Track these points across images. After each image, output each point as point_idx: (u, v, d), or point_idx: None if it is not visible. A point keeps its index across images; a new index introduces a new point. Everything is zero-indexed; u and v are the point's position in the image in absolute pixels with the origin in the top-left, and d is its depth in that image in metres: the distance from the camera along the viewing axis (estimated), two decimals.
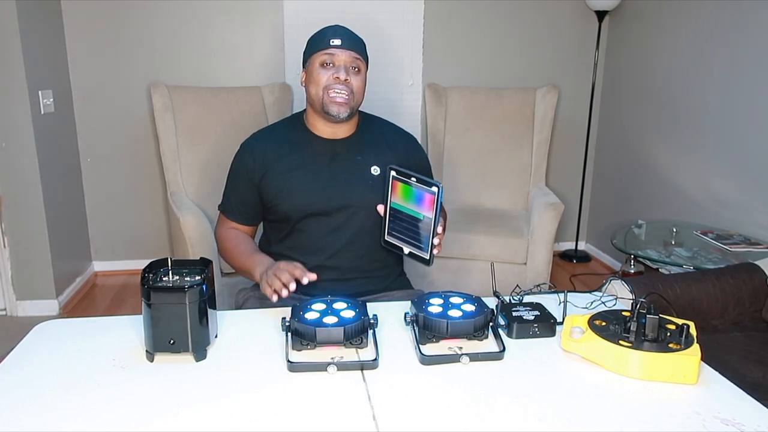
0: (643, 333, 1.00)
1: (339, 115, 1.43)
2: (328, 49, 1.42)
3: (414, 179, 1.16)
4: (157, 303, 0.98)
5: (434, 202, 1.13)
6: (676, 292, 1.59)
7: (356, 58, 1.44)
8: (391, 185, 1.21)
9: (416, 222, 1.18)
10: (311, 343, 1.04)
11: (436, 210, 1.13)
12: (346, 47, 1.43)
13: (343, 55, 1.42)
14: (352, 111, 1.45)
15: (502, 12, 3.29)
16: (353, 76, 1.43)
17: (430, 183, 1.14)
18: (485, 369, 1.00)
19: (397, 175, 1.20)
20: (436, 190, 1.12)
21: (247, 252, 1.46)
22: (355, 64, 1.44)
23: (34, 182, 2.63)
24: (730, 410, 0.89)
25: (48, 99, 2.73)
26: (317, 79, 1.43)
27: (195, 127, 2.65)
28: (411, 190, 1.18)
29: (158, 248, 3.23)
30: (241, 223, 1.55)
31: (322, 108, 1.44)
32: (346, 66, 1.42)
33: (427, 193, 1.15)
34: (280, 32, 3.11)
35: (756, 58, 2.41)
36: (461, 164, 3.06)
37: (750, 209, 2.48)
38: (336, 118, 1.44)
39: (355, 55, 1.44)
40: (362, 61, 1.46)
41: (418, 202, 1.17)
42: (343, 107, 1.42)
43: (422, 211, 1.17)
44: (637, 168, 3.21)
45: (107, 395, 0.91)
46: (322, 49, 1.43)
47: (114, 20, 2.98)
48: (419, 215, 1.17)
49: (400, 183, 1.20)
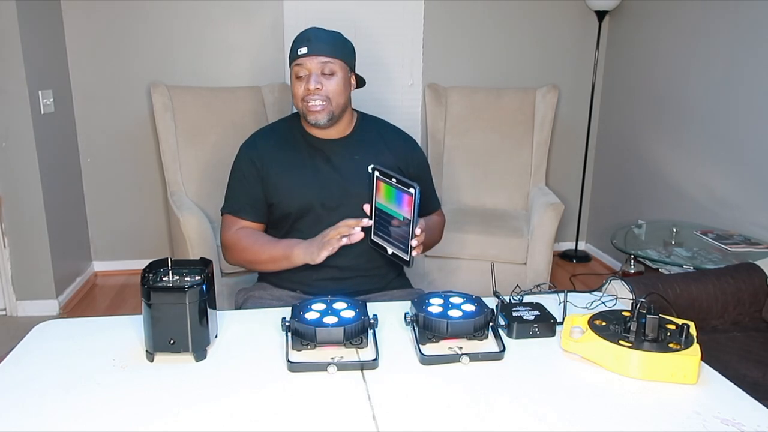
0: (643, 333, 1.00)
1: (318, 122, 1.44)
2: (297, 60, 1.43)
3: (394, 180, 1.15)
4: (157, 303, 0.98)
5: (412, 203, 1.12)
6: (676, 292, 1.59)
7: (326, 62, 1.42)
8: (375, 185, 1.20)
9: (397, 223, 1.18)
10: (311, 343, 1.04)
11: (414, 211, 1.12)
12: (314, 53, 1.41)
13: (310, 64, 1.41)
14: (332, 115, 1.44)
15: (502, 12, 3.29)
16: (326, 81, 1.42)
17: (407, 184, 1.12)
18: (485, 369, 1.00)
19: (380, 175, 1.19)
20: (413, 191, 1.11)
21: (273, 242, 1.44)
22: (327, 69, 1.42)
23: (34, 182, 2.63)
24: (730, 410, 0.89)
25: (48, 99, 2.73)
26: (294, 91, 1.45)
27: (195, 127, 2.65)
28: (392, 191, 1.17)
29: (158, 248, 3.23)
30: (254, 221, 1.52)
31: (305, 118, 1.46)
32: (316, 74, 1.41)
33: (406, 194, 1.13)
34: (280, 32, 3.11)
35: (756, 58, 2.41)
36: (461, 164, 3.06)
37: (750, 209, 2.48)
38: (317, 126, 1.45)
39: (324, 60, 1.41)
40: (336, 62, 1.43)
41: (399, 203, 1.16)
42: (320, 115, 1.42)
43: (402, 212, 1.16)
44: (637, 168, 3.21)
45: (107, 395, 0.91)
46: (293, 60, 1.44)
47: (114, 20, 2.98)
48: (400, 216, 1.17)
49: (383, 183, 1.19)
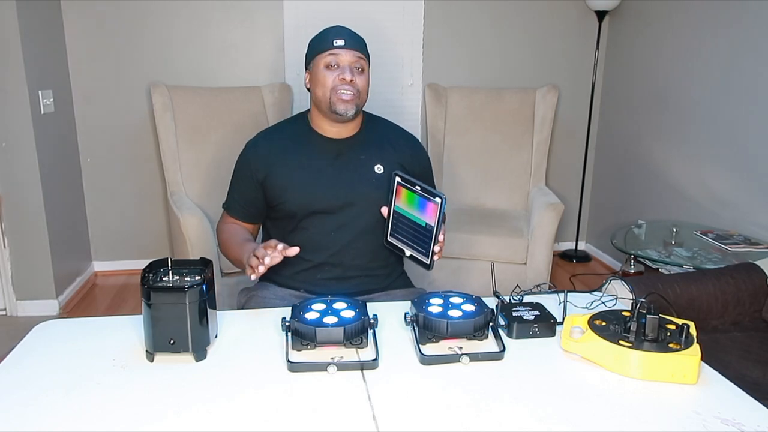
0: (643, 333, 1.00)
1: (347, 113, 1.44)
2: (332, 50, 1.43)
3: (418, 188, 1.21)
4: (157, 303, 0.98)
5: (437, 212, 1.17)
6: (676, 292, 1.59)
7: (360, 58, 1.45)
8: (396, 190, 1.25)
9: (418, 227, 1.22)
10: (311, 343, 1.04)
11: (438, 220, 1.18)
12: (350, 47, 1.43)
13: (347, 56, 1.43)
14: (358, 109, 1.46)
15: (502, 12, 3.29)
16: (358, 76, 1.44)
17: (434, 194, 1.18)
18: (485, 369, 1.00)
19: (402, 181, 1.24)
20: (440, 201, 1.16)
21: (240, 242, 1.47)
22: (359, 64, 1.45)
23: (34, 182, 2.63)
24: (730, 410, 0.89)
25: (48, 99, 2.73)
26: (323, 81, 1.44)
27: (195, 127, 2.65)
28: (415, 198, 1.22)
29: (158, 248, 3.23)
30: (242, 221, 1.57)
31: (329, 108, 1.44)
32: (350, 66, 1.43)
33: (431, 203, 1.19)
34: (280, 32, 3.11)
35: (756, 58, 2.41)
36: (461, 164, 3.06)
37: (750, 209, 2.48)
38: (344, 117, 1.45)
39: (358, 55, 1.45)
40: (365, 60, 1.47)
41: (421, 210, 1.21)
42: (350, 105, 1.43)
43: (425, 218, 1.21)
44: (637, 168, 3.21)
45: (107, 395, 0.91)
46: (325, 50, 1.44)
47: (114, 20, 2.98)
48: (421, 222, 1.22)
49: (405, 189, 1.24)
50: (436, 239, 1.20)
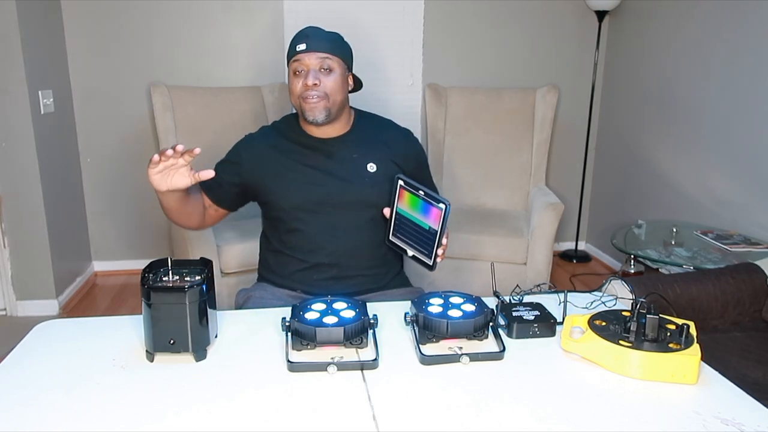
0: (643, 333, 1.00)
1: (316, 119, 1.43)
2: (295, 56, 1.43)
3: (422, 192, 1.21)
4: (157, 303, 0.98)
5: (440, 217, 1.18)
6: (676, 292, 1.59)
7: (325, 58, 1.42)
8: (398, 192, 1.26)
9: (421, 230, 1.23)
10: (311, 343, 1.04)
11: (441, 225, 1.19)
12: (312, 50, 1.41)
13: (309, 60, 1.41)
14: (329, 112, 1.44)
15: (501, 12, 3.29)
16: (324, 77, 1.42)
17: (438, 199, 1.18)
18: (485, 369, 1.00)
19: (405, 184, 1.25)
20: (444, 206, 1.17)
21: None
22: (325, 65, 1.42)
23: (34, 182, 2.63)
24: (730, 410, 0.89)
25: (48, 99, 2.73)
26: (292, 88, 1.45)
27: (195, 127, 2.65)
28: (418, 201, 1.23)
29: (158, 248, 3.23)
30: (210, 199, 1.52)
31: (303, 115, 1.45)
32: (314, 70, 1.41)
33: (434, 208, 1.19)
34: (280, 32, 3.11)
35: (756, 58, 2.41)
36: (461, 164, 3.06)
37: (750, 209, 2.48)
38: (315, 123, 1.44)
39: (323, 56, 1.42)
40: (334, 59, 1.44)
41: (424, 214, 1.22)
42: (317, 109, 1.42)
43: (428, 222, 1.22)
44: (637, 168, 3.21)
45: (107, 395, 0.91)
46: (291, 58, 1.45)
47: (114, 20, 2.98)
48: (424, 225, 1.22)
49: (407, 192, 1.24)
50: (440, 242, 1.21)
